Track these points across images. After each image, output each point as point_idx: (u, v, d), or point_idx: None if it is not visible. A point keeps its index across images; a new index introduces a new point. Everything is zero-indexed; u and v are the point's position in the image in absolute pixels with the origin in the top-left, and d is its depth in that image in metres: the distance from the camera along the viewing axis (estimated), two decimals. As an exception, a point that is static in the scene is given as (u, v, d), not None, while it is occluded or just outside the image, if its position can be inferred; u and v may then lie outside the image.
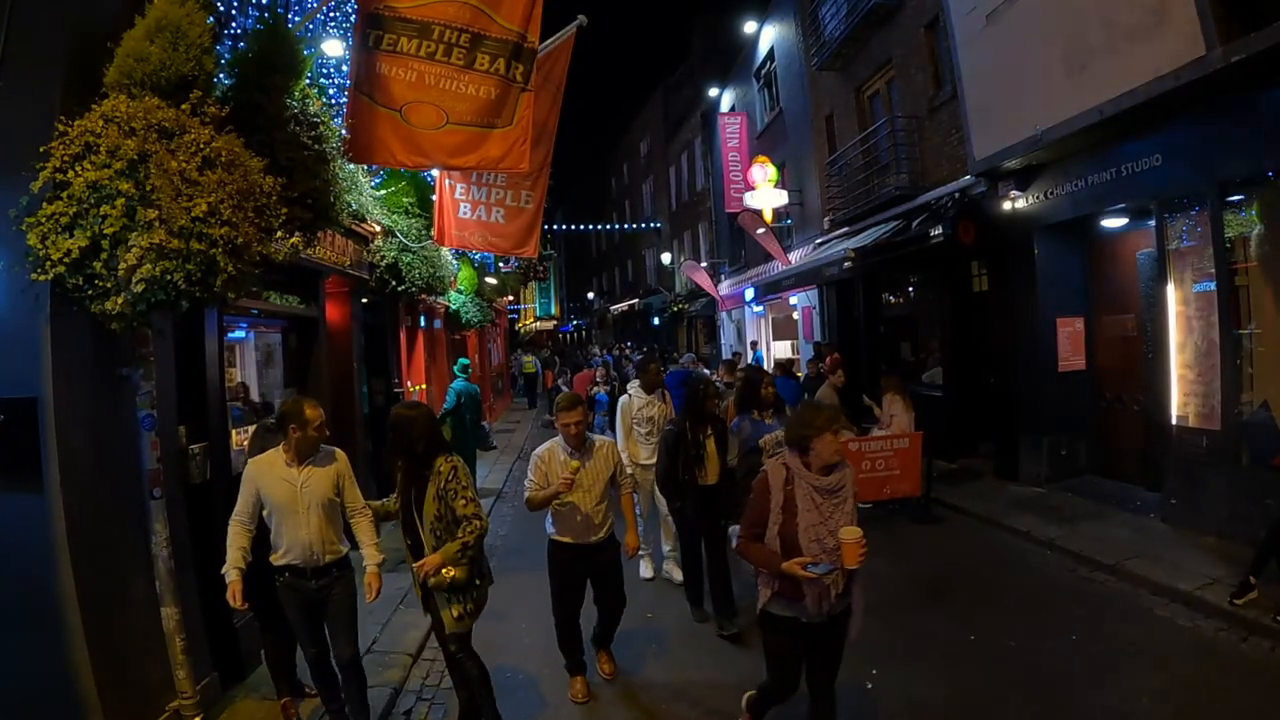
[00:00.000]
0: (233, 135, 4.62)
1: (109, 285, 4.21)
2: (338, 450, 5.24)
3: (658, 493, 7.92)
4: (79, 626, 4.64)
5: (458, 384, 12.83)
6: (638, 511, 7.31)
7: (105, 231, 4.11)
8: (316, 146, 5.49)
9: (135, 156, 4.15)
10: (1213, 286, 8.72)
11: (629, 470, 6.39)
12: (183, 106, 4.46)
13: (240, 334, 8.49)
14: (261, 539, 5.06)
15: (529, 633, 7.24)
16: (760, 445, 7.22)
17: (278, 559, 5.00)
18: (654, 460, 7.95)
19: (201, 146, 4.34)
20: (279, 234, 5.23)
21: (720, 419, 7.38)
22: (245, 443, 7.50)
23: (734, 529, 4.60)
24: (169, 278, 4.14)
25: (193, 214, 4.15)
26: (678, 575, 8.20)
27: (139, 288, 4.14)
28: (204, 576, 5.50)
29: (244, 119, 5.08)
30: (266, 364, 8.94)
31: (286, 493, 4.94)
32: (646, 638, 7.09)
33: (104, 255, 4.14)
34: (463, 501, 4.88)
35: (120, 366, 4.93)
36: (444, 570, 4.84)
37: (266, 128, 5.20)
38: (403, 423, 4.97)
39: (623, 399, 8.84)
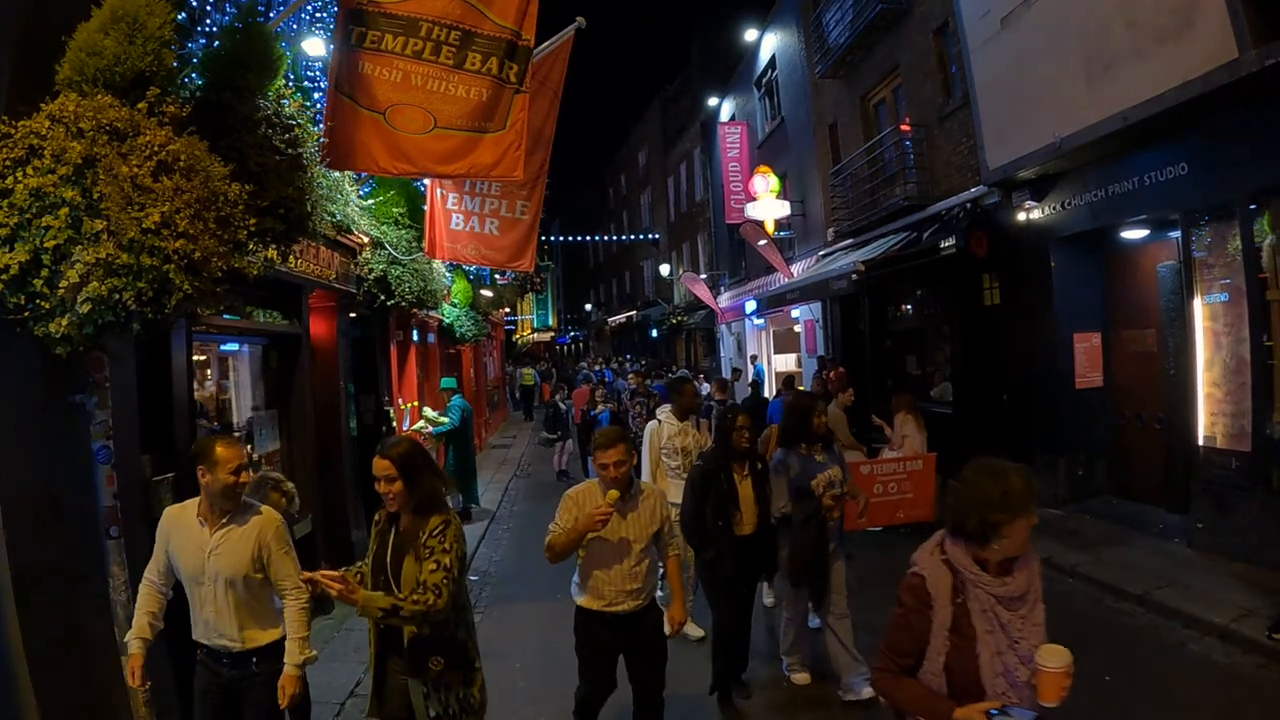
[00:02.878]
0: (194, 138, 4.16)
1: (53, 305, 3.76)
2: (267, 509, 4.26)
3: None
4: (28, 680, 4.22)
5: (460, 401, 12.48)
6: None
7: (46, 245, 3.67)
8: (291, 151, 5.03)
9: (80, 160, 3.71)
10: (1243, 301, 8.30)
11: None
12: (138, 105, 4.01)
13: (234, 346, 8.06)
14: None
15: (523, 673, 6.75)
16: (811, 488, 5.99)
17: (194, 632, 4.19)
18: None
19: (156, 149, 3.88)
20: (252, 246, 4.78)
21: (759, 455, 6.33)
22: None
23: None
24: (117, 297, 3.69)
25: (143, 225, 3.69)
26: (693, 631, 7.11)
27: (84, 308, 3.69)
28: (170, 618, 5.01)
29: (211, 121, 4.63)
30: (262, 377, 8.49)
31: (193, 559, 4.05)
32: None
33: (45, 271, 3.69)
34: (433, 565, 3.75)
35: (73, 393, 4.47)
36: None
37: (236, 130, 4.74)
38: (419, 463, 3.94)
39: (650, 424, 7.82)
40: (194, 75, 5.06)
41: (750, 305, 24.05)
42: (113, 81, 4.07)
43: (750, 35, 25.33)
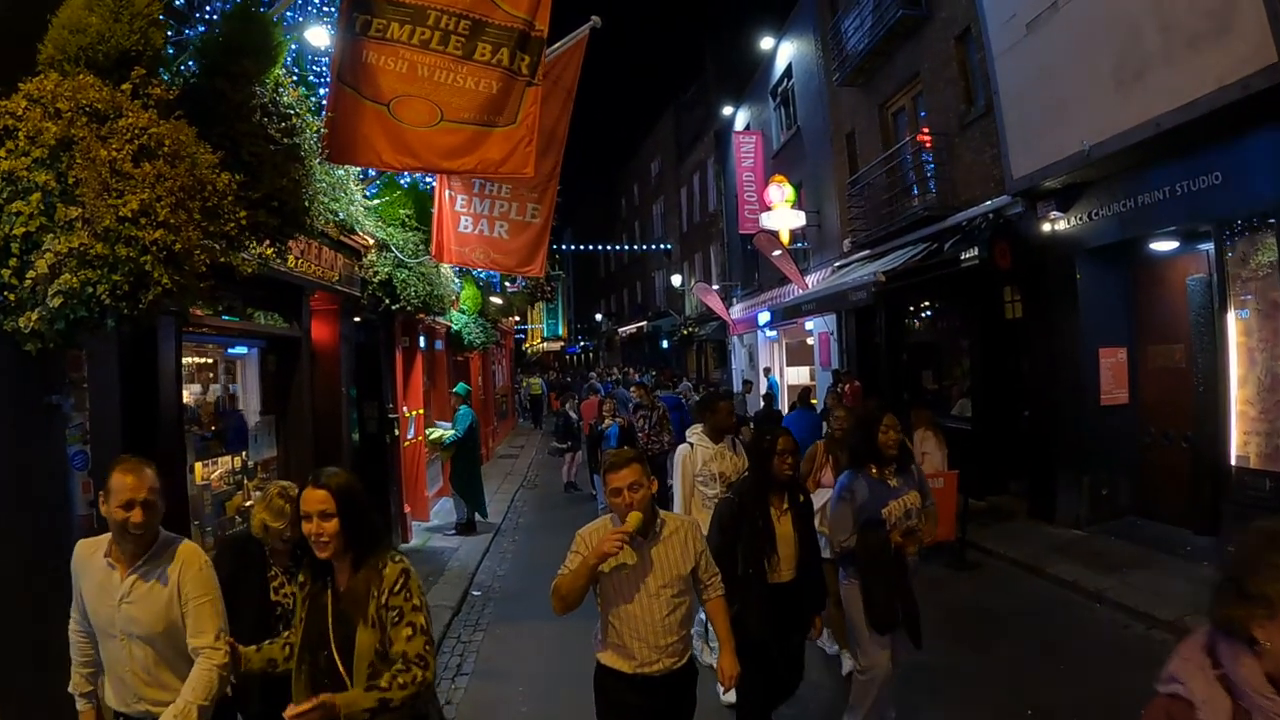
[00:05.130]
0: (181, 122, 3.89)
1: (22, 297, 3.48)
2: (189, 546, 3.47)
3: None
4: (-8, 699, 3.95)
5: (468, 411, 12.22)
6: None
7: (15, 233, 3.40)
8: (287, 140, 4.76)
9: (55, 142, 3.45)
10: (1279, 316, 7.99)
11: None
12: (122, 86, 3.76)
13: (242, 349, 7.82)
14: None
15: (526, 696, 6.42)
16: (884, 518, 5.00)
17: (107, 695, 3.52)
18: None
19: (138, 133, 3.61)
20: (245, 242, 4.52)
21: (800, 485, 5.30)
22: (213, 477, 6.79)
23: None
24: (90, 290, 3.41)
25: (120, 213, 3.42)
26: (707, 655, 6.17)
27: (55, 301, 3.41)
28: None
29: (204, 108, 4.39)
30: (259, 381, 8.17)
31: (102, 608, 3.35)
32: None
33: (13, 261, 3.43)
34: (409, 631, 3.00)
35: (48, 393, 4.20)
36: None
37: (229, 118, 4.49)
38: (360, 498, 3.15)
39: (681, 448, 6.67)
40: (191, 63, 4.84)
41: (764, 316, 23.80)
42: (96, 61, 3.85)
43: (766, 43, 25.13)
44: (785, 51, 23.52)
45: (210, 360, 7.24)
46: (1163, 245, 10.06)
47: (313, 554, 3.08)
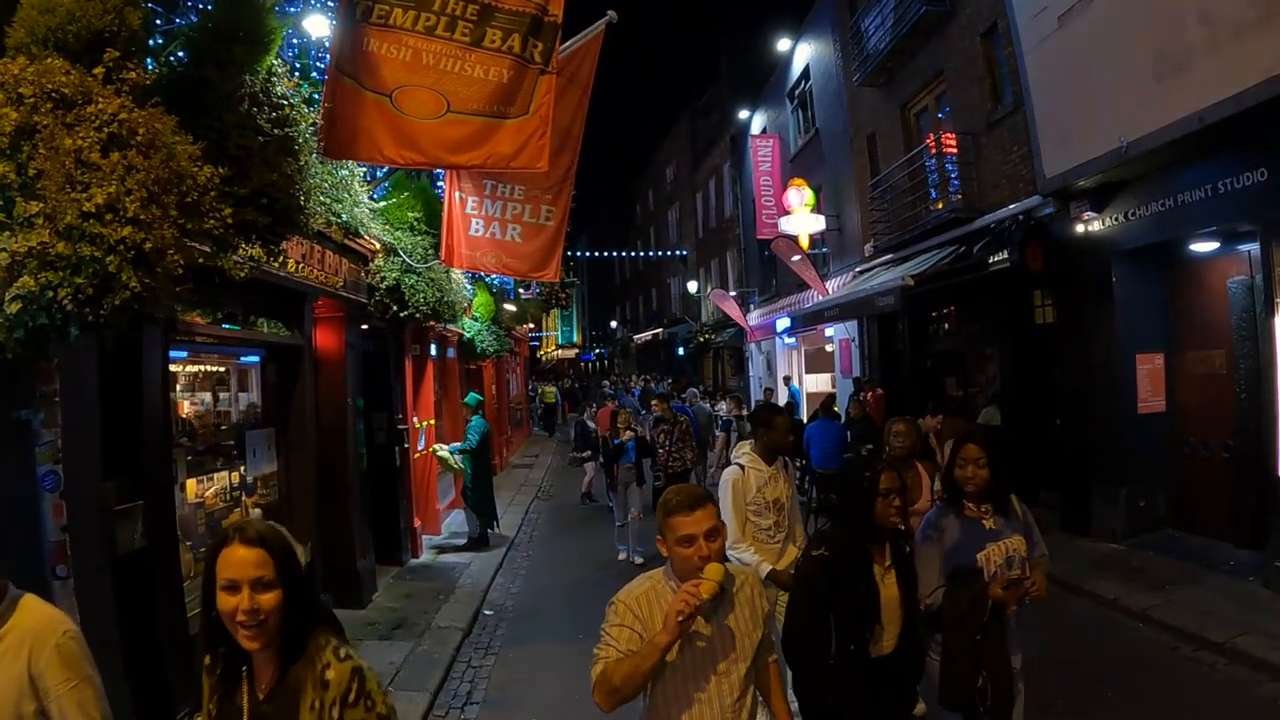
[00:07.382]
0: (158, 110, 3.54)
1: (-21, 303, 3.14)
2: (35, 611, 2.51)
3: None
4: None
5: (480, 422, 11.92)
6: None
7: (-32, 230, 3.06)
8: (277, 132, 4.41)
9: (13, 130, 3.10)
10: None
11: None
12: (94, 70, 3.41)
13: (254, 358, 7.55)
14: None
15: (539, 727, 6.07)
16: (979, 566, 4.03)
17: None
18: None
19: (108, 120, 3.26)
20: (235, 242, 4.17)
21: (904, 532, 3.95)
22: (206, 494, 6.46)
23: None
24: (51, 294, 3.06)
25: (83, 208, 3.07)
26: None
27: (13, 307, 3.07)
28: (135, 668, 4.34)
29: (190, 97, 4.05)
30: (259, 392, 7.86)
31: None
32: None
33: (-34, 263, 3.09)
34: None
35: (16, 408, 3.85)
36: None
37: (216, 108, 4.14)
38: (297, 559, 2.27)
39: (729, 471, 5.61)
40: (181, 53, 4.52)
41: (783, 323, 23.42)
42: (66, 43, 3.50)
43: (783, 45, 24.83)
44: (802, 53, 23.20)
45: (209, 369, 6.93)
46: (1203, 246, 9.66)
47: (224, 636, 2.20)
